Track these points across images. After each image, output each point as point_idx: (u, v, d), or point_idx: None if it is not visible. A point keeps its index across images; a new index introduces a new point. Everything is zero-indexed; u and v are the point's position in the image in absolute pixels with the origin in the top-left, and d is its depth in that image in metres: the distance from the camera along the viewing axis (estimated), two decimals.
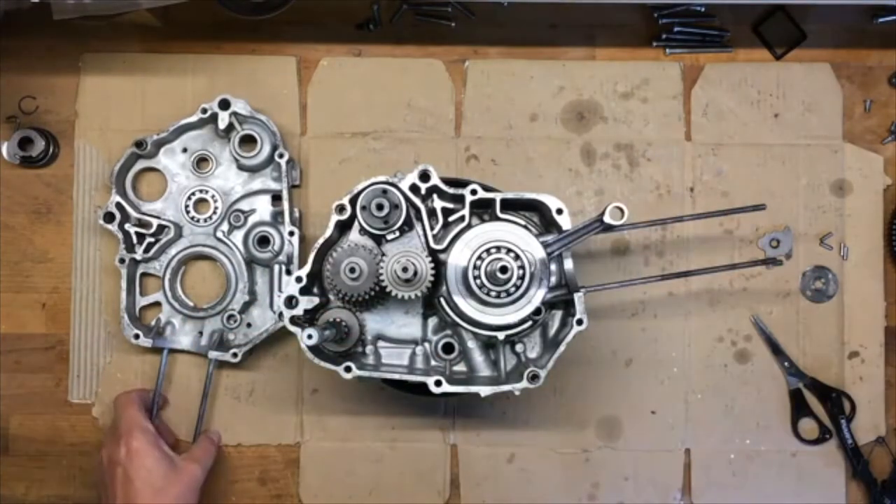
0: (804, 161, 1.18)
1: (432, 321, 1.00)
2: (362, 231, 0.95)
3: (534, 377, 0.92)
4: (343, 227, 0.96)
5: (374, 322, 0.98)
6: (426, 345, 0.99)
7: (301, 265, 0.95)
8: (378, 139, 1.18)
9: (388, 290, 0.91)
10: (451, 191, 0.95)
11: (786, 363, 1.16)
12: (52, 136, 1.17)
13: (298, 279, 0.93)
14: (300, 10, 1.13)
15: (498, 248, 0.92)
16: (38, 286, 1.17)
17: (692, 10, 1.17)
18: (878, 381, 1.16)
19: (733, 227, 1.17)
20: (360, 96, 1.18)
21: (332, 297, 0.96)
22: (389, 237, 0.95)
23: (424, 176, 0.93)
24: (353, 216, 0.93)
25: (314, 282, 0.96)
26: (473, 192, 0.94)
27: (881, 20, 1.17)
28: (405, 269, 0.90)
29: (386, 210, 0.91)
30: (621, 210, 0.90)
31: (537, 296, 0.92)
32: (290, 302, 0.93)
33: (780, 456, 1.16)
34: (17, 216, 1.17)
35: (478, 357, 0.98)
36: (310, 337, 0.88)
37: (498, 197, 0.94)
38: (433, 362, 0.98)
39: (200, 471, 1.03)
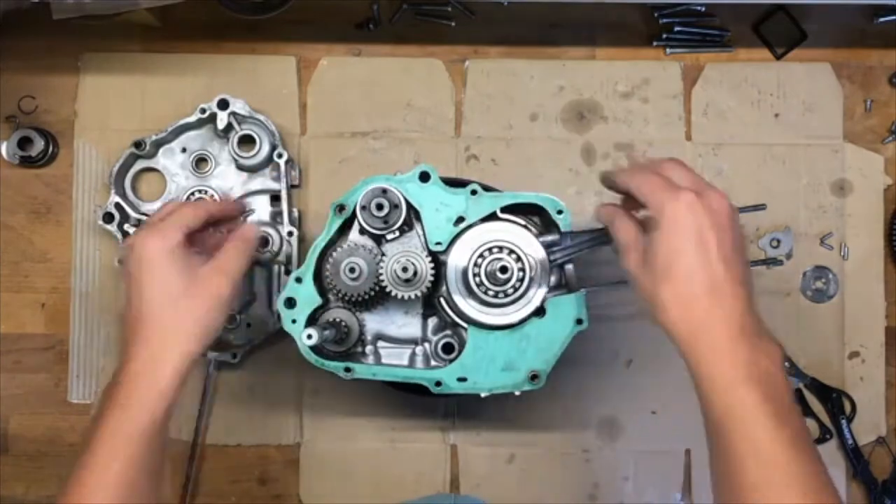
0: (804, 161, 1.17)
1: (432, 321, 0.99)
2: (362, 231, 0.95)
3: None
4: (343, 227, 0.95)
5: (374, 322, 0.98)
6: (426, 345, 0.99)
7: (300, 265, 0.95)
8: (378, 139, 1.17)
9: (388, 290, 0.91)
10: None
11: (786, 363, 1.16)
12: (52, 135, 1.17)
13: (298, 279, 0.93)
14: (300, 10, 1.13)
15: (498, 249, 0.92)
16: (37, 286, 1.17)
17: (692, 9, 1.17)
18: (879, 381, 1.16)
19: None
20: (360, 96, 1.18)
21: (331, 297, 0.95)
22: (389, 237, 0.95)
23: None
24: (353, 216, 0.93)
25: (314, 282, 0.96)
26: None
27: (882, 20, 1.17)
28: (405, 269, 0.90)
29: (386, 210, 0.91)
30: None
31: (537, 296, 0.92)
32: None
33: None
34: (17, 216, 1.17)
35: None
36: (309, 337, 0.88)
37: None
38: (433, 362, 0.98)
39: (226, 284, 0.84)
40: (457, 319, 0.94)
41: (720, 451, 0.70)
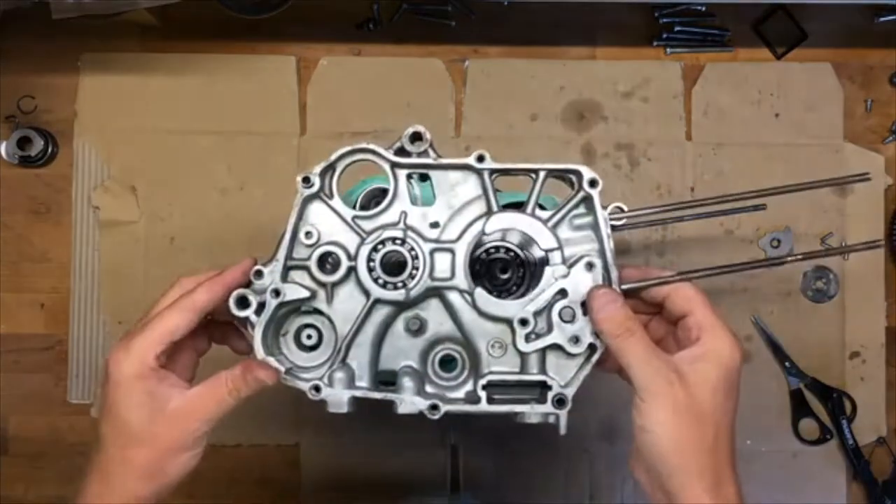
0: (805, 161, 1.17)
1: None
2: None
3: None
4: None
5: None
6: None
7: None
8: (378, 139, 1.17)
9: None
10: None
11: (786, 363, 1.15)
12: (51, 135, 1.17)
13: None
14: (300, 10, 1.13)
15: (497, 249, 0.92)
16: (37, 286, 1.17)
17: (693, 9, 1.17)
18: (879, 381, 1.16)
19: (734, 227, 1.17)
20: (360, 96, 1.18)
21: None
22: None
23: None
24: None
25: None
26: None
27: (882, 19, 1.16)
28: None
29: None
30: (622, 210, 0.89)
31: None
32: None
33: (781, 456, 1.16)
34: (16, 216, 1.17)
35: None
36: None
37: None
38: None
39: (194, 430, 0.71)
40: None
41: None
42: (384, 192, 0.91)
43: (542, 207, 0.94)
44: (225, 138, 1.17)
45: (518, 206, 0.95)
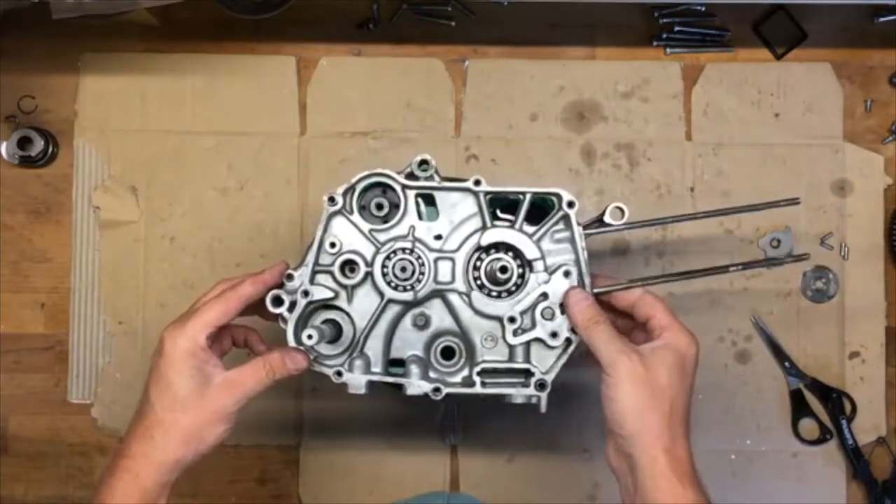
0: (805, 161, 1.17)
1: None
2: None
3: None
4: None
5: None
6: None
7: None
8: (378, 139, 1.17)
9: None
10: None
11: (786, 363, 1.15)
12: (52, 135, 1.17)
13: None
14: (300, 10, 1.13)
15: (497, 249, 0.92)
16: (37, 286, 1.17)
17: (693, 9, 1.17)
18: (879, 381, 1.16)
19: (734, 227, 1.17)
20: (359, 96, 1.18)
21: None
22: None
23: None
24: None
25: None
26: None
27: (882, 20, 1.16)
28: (403, 269, 0.89)
29: (386, 210, 0.91)
30: (621, 210, 0.90)
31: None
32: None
33: (781, 456, 1.16)
34: (16, 216, 1.17)
35: None
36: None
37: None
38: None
39: (233, 404, 0.82)
40: None
41: None
42: (378, 186, 0.90)
43: (540, 207, 0.95)
44: (225, 138, 1.17)
45: (516, 205, 0.95)
